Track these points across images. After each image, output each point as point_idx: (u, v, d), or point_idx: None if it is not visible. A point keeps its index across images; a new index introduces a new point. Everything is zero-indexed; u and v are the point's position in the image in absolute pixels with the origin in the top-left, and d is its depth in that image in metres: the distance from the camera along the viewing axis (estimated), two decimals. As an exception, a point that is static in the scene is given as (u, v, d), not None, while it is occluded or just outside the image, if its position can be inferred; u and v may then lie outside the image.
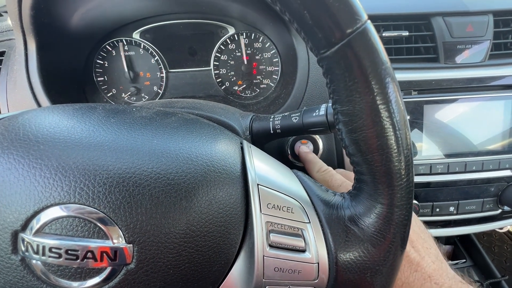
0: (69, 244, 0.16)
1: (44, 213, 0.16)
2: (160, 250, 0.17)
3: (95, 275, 0.17)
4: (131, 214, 0.17)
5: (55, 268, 0.17)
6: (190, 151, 0.19)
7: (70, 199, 0.16)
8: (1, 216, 0.16)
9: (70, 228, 0.16)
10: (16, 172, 0.16)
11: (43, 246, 0.16)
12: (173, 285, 0.18)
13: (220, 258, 0.19)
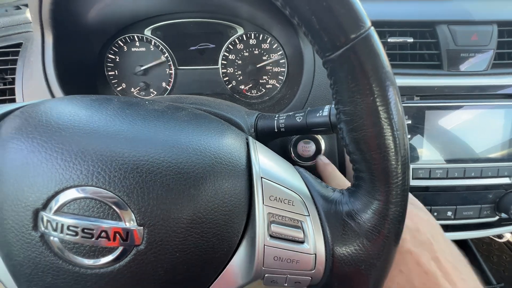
0: (85, 224, 0.17)
1: (63, 194, 0.18)
2: (169, 234, 0.18)
3: (107, 254, 0.18)
4: (143, 199, 0.18)
5: (71, 245, 0.18)
6: (200, 143, 0.20)
7: (88, 182, 0.17)
8: (24, 195, 0.18)
9: (87, 209, 0.18)
10: (39, 155, 0.18)
11: (61, 224, 0.17)
12: (178, 268, 0.19)
13: (223, 245, 0.20)
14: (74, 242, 0.18)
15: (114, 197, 0.18)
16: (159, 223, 0.18)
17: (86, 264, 0.18)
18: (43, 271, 0.19)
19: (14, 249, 0.18)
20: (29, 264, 0.19)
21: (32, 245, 0.18)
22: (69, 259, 0.18)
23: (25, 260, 0.19)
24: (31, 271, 0.19)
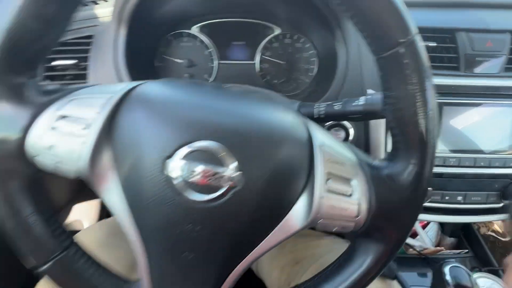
0: (201, 167, 0.23)
1: (185, 147, 0.24)
2: (259, 180, 0.24)
3: (213, 192, 0.24)
4: (242, 152, 0.24)
5: (188, 185, 0.24)
6: (278, 115, 0.27)
7: (207, 137, 0.24)
8: (158, 146, 0.24)
9: (202, 157, 0.24)
10: (170, 116, 0.25)
11: (186, 167, 0.23)
12: (262, 208, 0.25)
13: (291, 195, 0.27)
14: (191, 182, 0.24)
15: (222, 149, 0.24)
16: (253, 171, 0.25)
17: (197, 200, 0.24)
18: (164, 205, 0.24)
19: (144, 187, 0.25)
20: (153, 199, 0.24)
21: (160, 185, 0.24)
22: (185, 195, 0.24)
23: (153, 197, 0.24)
24: (154, 206, 0.25)
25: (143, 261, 0.27)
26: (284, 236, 0.27)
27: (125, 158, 0.25)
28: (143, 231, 0.26)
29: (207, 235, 0.25)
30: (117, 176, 0.26)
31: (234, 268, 0.28)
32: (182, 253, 0.26)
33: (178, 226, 0.25)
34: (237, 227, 0.25)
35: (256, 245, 0.27)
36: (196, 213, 0.24)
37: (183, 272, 0.27)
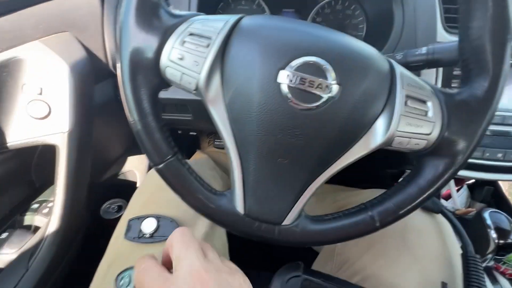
0: (310, 77, 0.27)
1: (297, 59, 0.28)
2: (354, 93, 0.29)
3: (315, 101, 0.29)
4: (343, 69, 0.28)
5: (296, 92, 0.28)
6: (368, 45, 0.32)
7: (314, 54, 0.29)
8: (273, 59, 0.29)
9: (311, 69, 0.28)
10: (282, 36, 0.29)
11: (296, 77, 0.27)
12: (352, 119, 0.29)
13: (373, 112, 0.31)
14: (298, 90, 0.28)
15: (326, 64, 0.28)
16: (349, 85, 0.29)
17: (301, 106, 0.28)
18: (271, 110, 0.29)
19: (253, 97, 0.29)
20: (262, 107, 0.29)
21: (270, 92, 0.29)
22: (291, 101, 0.28)
23: (259, 104, 0.29)
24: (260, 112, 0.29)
25: (237, 169, 0.32)
26: (363, 152, 0.32)
27: (235, 73, 0.30)
28: (242, 139, 0.31)
29: (303, 140, 0.30)
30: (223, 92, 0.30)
31: (318, 177, 0.33)
32: (278, 158, 0.31)
33: (280, 130, 0.29)
34: (330, 135, 0.30)
35: (340, 156, 0.32)
36: (299, 118, 0.29)
37: (275, 177, 0.32)
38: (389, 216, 0.34)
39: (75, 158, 0.47)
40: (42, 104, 0.45)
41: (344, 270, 0.49)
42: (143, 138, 0.33)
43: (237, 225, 0.35)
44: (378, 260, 0.45)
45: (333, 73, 0.28)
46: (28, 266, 0.42)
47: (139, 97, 0.32)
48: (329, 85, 0.28)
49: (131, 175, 0.85)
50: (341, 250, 0.52)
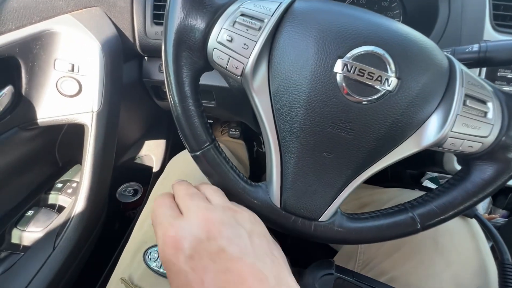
0: (370, 69, 0.26)
1: (358, 48, 0.26)
2: (411, 91, 0.27)
3: (372, 95, 0.27)
4: (405, 63, 0.27)
5: (352, 83, 0.26)
6: (429, 40, 0.29)
7: (375, 44, 0.27)
8: (331, 48, 0.27)
9: (370, 60, 0.26)
10: (342, 23, 0.27)
11: (355, 67, 0.26)
12: (403, 116, 0.28)
13: (427, 109, 0.28)
14: (355, 81, 0.26)
15: (387, 55, 0.26)
16: (409, 80, 0.27)
17: (355, 99, 0.27)
18: (322, 101, 0.27)
19: (309, 84, 0.27)
20: (313, 97, 0.27)
21: (324, 82, 0.27)
22: (346, 93, 0.27)
23: (311, 94, 0.27)
24: (310, 103, 0.28)
25: (276, 161, 0.31)
26: (412, 151, 0.30)
27: (285, 60, 0.28)
28: (286, 130, 0.29)
29: (353, 135, 0.28)
30: (270, 79, 0.29)
31: (360, 174, 0.31)
32: (323, 152, 0.30)
33: (331, 123, 0.28)
34: (380, 131, 0.28)
35: (387, 153, 0.30)
36: (351, 112, 0.27)
37: (317, 172, 0.31)
38: (432, 219, 0.33)
39: (103, 138, 0.46)
40: (73, 81, 0.43)
41: (369, 269, 0.48)
42: (182, 122, 0.32)
43: (272, 218, 0.34)
44: (408, 262, 0.44)
45: (393, 66, 0.27)
46: (55, 245, 0.41)
47: (181, 79, 0.31)
48: (388, 78, 0.27)
49: (148, 159, 0.84)
50: (365, 249, 0.51)
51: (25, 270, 0.38)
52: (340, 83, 0.27)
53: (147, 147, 0.84)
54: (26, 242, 0.44)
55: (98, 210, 0.50)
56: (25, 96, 0.41)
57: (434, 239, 0.46)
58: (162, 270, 0.39)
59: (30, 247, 0.42)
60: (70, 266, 0.43)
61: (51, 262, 0.40)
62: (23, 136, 0.43)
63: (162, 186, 0.49)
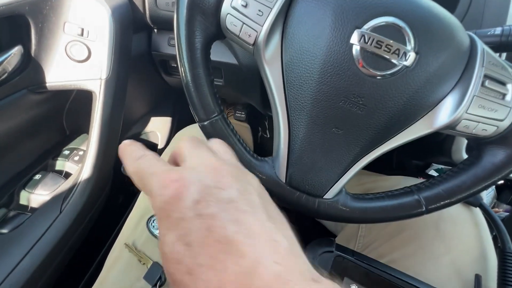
0: (388, 41, 0.25)
1: (377, 18, 0.25)
2: (430, 67, 0.26)
3: (389, 68, 0.27)
4: (426, 37, 0.25)
5: (368, 56, 0.25)
6: (452, 16, 0.28)
7: (396, 15, 0.26)
8: (348, 17, 0.25)
9: (389, 32, 0.25)
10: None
11: (372, 39, 0.25)
12: (418, 94, 0.27)
13: (444, 88, 0.27)
14: (374, 53, 0.25)
15: (407, 28, 0.25)
16: (428, 55, 0.26)
17: (370, 72, 0.26)
18: (336, 74, 0.26)
19: (323, 56, 0.26)
20: (327, 69, 0.26)
21: (339, 53, 0.26)
22: (361, 66, 0.26)
23: (329, 65, 0.26)
24: (323, 75, 0.27)
25: (284, 136, 0.30)
26: (424, 132, 0.29)
27: (300, 29, 0.27)
28: (296, 103, 0.29)
29: (365, 110, 0.27)
30: (283, 50, 0.28)
31: (369, 153, 0.31)
32: (333, 127, 0.29)
33: (344, 97, 0.27)
34: (393, 108, 0.27)
35: (398, 133, 0.29)
36: (365, 86, 0.26)
37: (325, 148, 0.30)
38: (438, 202, 0.32)
39: (110, 106, 0.46)
40: (82, 46, 0.43)
41: (369, 251, 0.49)
42: (192, 90, 0.31)
43: (277, 193, 0.34)
44: (408, 246, 0.45)
45: (413, 40, 0.26)
46: (62, 208, 0.42)
47: (193, 44, 0.30)
48: (407, 52, 0.25)
49: (153, 136, 0.84)
50: (366, 232, 0.52)
51: (33, 230, 0.39)
52: (356, 55, 0.26)
53: (152, 124, 0.84)
54: (33, 204, 0.45)
55: (104, 178, 0.50)
56: (34, 57, 0.40)
57: (436, 225, 0.46)
58: (165, 237, 0.40)
59: (37, 209, 0.43)
60: (76, 230, 0.44)
61: (57, 224, 0.41)
62: (32, 100, 0.43)
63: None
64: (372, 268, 0.37)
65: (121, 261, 0.40)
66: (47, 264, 0.39)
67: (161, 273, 0.36)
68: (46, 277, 0.39)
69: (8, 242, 0.38)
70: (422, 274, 0.41)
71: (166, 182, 0.18)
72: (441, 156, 0.71)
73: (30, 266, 0.37)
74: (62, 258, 0.42)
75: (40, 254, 0.38)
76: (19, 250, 0.37)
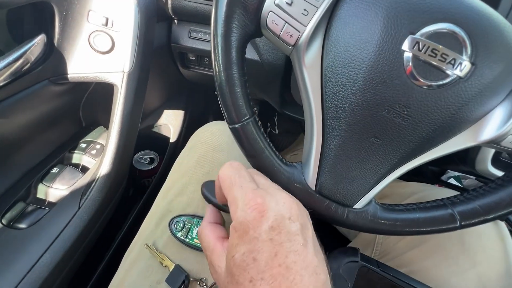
0: (445, 50, 0.24)
1: (434, 25, 0.23)
2: (485, 80, 0.24)
3: (441, 79, 0.25)
4: (484, 48, 0.23)
5: (419, 65, 0.23)
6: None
7: (454, 22, 0.24)
8: (402, 22, 0.23)
9: (446, 40, 0.23)
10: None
11: (427, 46, 0.23)
12: (467, 107, 0.25)
13: (493, 100, 0.25)
14: (426, 62, 0.23)
15: (465, 36, 0.23)
16: (485, 68, 0.23)
17: (420, 82, 0.24)
18: (382, 82, 0.25)
19: (370, 61, 0.24)
20: (378, 75, 0.25)
21: (391, 59, 0.24)
22: (411, 75, 0.24)
23: (376, 72, 0.25)
24: (376, 82, 0.25)
25: (317, 143, 0.29)
26: (467, 145, 0.27)
27: (346, 32, 0.25)
28: (333, 110, 0.27)
29: (409, 121, 0.26)
30: (324, 53, 0.26)
31: (406, 163, 0.29)
32: (372, 137, 0.27)
33: (388, 106, 0.25)
34: (439, 120, 0.25)
35: (439, 144, 0.27)
36: (413, 96, 0.24)
37: (361, 157, 0.28)
38: (474, 218, 0.31)
39: (132, 101, 0.44)
40: (106, 37, 0.41)
41: (386, 260, 0.48)
42: (225, 91, 0.29)
43: (305, 201, 0.32)
44: (430, 258, 0.44)
45: (470, 49, 0.24)
46: (80, 204, 0.41)
47: (229, 42, 0.28)
48: (462, 62, 0.23)
49: (165, 129, 0.83)
50: (383, 240, 0.51)
51: (52, 226, 0.38)
52: (406, 63, 0.24)
53: (165, 117, 0.83)
54: (51, 198, 0.43)
55: (122, 173, 0.49)
56: (57, 47, 0.39)
57: (460, 237, 0.45)
58: (188, 240, 0.39)
59: (56, 204, 0.42)
60: (94, 226, 0.43)
61: (76, 220, 0.40)
62: (52, 91, 0.42)
63: (188, 156, 0.48)
64: (399, 281, 0.36)
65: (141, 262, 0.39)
66: (66, 261, 0.38)
67: (184, 277, 0.35)
68: (64, 273, 0.39)
69: (28, 238, 0.37)
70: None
71: (251, 203, 0.22)
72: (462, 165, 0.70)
73: (50, 262, 0.36)
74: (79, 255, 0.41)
75: (60, 251, 0.37)
76: (39, 246, 0.36)
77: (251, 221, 0.21)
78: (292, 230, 0.22)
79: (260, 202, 0.22)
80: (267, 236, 0.21)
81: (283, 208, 0.23)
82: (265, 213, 0.22)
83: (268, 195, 0.23)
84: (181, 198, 0.42)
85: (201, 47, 0.60)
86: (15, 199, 0.41)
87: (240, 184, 0.25)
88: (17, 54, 0.33)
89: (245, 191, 0.24)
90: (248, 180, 0.25)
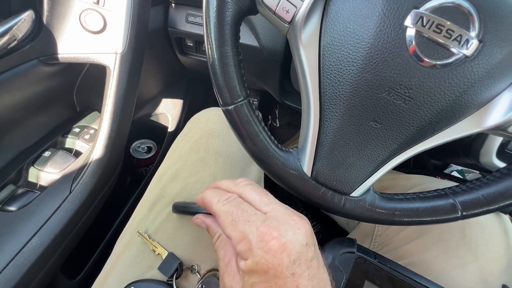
0: (450, 25, 0.22)
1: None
2: (493, 59, 0.22)
3: (446, 57, 0.23)
4: (494, 25, 0.21)
5: (423, 42, 0.22)
6: None
7: None
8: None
9: (451, 15, 0.21)
10: None
11: (432, 22, 0.21)
12: (473, 89, 0.23)
13: (501, 83, 0.24)
14: (431, 39, 0.22)
15: (473, 11, 0.21)
16: (494, 46, 0.22)
17: (424, 61, 0.22)
18: (384, 61, 0.23)
19: (375, 37, 0.23)
20: (379, 54, 0.23)
21: (393, 36, 0.22)
22: (414, 53, 0.22)
23: (377, 50, 0.23)
24: (368, 62, 0.23)
25: (314, 127, 0.27)
26: (472, 131, 0.25)
27: (345, 9, 0.24)
28: (331, 92, 0.26)
29: (411, 104, 0.24)
30: (322, 31, 0.25)
31: (406, 150, 0.27)
32: (371, 121, 0.26)
33: (389, 87, 0.24)
34: (442, 103, 0.24)
35: (442, 130, 0.26)
36: (415, 76, 0.23)
37: (360, 142, 0.27)
38: (476, 208, 0.29)
39: (125, 83, 0.43)
40: (98, 16, 0.39)
41: (385, 252, 0.47)
42: (217, 71, 0.28)
43: (301, 188, 0.31)
44: (430, 250, 0.43)
45: (478, 25, 0.22)
46: (71, 189, 0.40)
47: (223, 18, 0.26)
48: (469, 39, 0.22)
49: (163, 118, 0.82)
50: (382, 232, 0.49)
51: (41, 209, 0.38)
52: (409, 40, 0.22)
53: (163, 106, 0.81)
54: (42, 182, 0.43)
55: (116, 159, 0.48)
56: (46, 25, 0.37)
57: (461, 229, 0.43)
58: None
59: (46, 187, 0.41)
60: (86, 211, 0.42)
61: (67, 205, 0.39)
62: (42, 71, 0.40)
63: (183, 142, 0.46)
64: (396, 273, 0.35)
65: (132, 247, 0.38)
66: (56, 245, 0.37)
67: (177, 265, 0.34)
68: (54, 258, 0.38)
69: (16, 221, 0.36)
70: (447, 282, 0.39)
71: (266, 237, 0.21)
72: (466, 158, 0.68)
73: (38, 246, 0.35)
74: (71, 239, 0.41)
75: (49, 235, 0.36)
76: (28, 229, 0.35)
77: (269, 259, 0.21)
78: (309, 256, 0.22)
79: (277, 236, 0.21)
80: (289, 272, 0.21)
81: (300, 236, 0.22)
82: (285, 247, 0.21)
83: (282, 225, 0.22)
84: (174, 184, 0.41)
85: (198, 32, 0.59)
86: (5, 182, 0.40)
87: (245, 218, 0.23)
88: (3, 29, 0.31)
89: (255, 226, 0.22)
90: (253, 213, 0.24)
